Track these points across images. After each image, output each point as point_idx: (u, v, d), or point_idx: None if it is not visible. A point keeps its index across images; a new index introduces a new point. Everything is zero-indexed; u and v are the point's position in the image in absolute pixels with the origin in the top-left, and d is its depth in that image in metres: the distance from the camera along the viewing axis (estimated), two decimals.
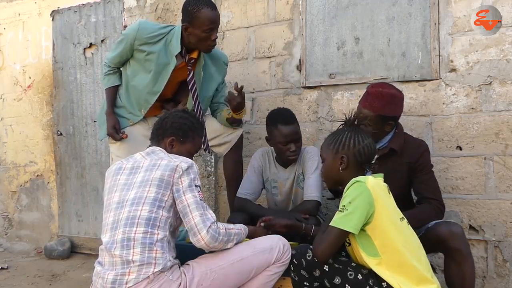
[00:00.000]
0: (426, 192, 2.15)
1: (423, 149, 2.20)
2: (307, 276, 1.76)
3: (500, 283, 2.50)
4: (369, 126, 2.11)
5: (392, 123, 2.17)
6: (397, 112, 2.20)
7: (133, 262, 1.64)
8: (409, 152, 2.17)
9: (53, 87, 4.09)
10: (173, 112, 2.05)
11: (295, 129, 2.42)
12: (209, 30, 2.33)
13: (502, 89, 2.47)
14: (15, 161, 4.35)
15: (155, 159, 1.84)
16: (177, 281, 1.69)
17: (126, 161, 1.91)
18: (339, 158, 1.77)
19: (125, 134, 2.53)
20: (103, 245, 1.75)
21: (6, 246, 4.35)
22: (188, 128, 1.98)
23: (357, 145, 1.76)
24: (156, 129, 1.99)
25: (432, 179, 2.19)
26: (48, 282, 3.29)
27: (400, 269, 1.62)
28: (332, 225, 1.66)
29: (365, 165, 1.79)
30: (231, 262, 1.79)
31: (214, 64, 2.60)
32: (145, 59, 2.43)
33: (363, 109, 2.15)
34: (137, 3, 3.62)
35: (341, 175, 1.78)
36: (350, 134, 1.79)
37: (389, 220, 1.65)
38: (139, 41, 2.40)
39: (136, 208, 1.72)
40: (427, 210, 2.10)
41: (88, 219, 3.95)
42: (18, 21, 4.26)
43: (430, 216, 2.08)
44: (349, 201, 1.63)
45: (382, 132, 2.17)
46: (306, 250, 1.77)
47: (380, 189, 1.68)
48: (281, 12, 3.07)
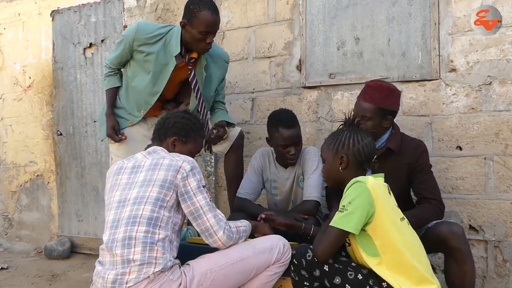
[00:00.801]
0: (426, 192, 2.15)
1: (422, 149, 2.19)
2: (307, 276, 1.77)
3: (500, 283, 2.50)
4: (369, 121, 2.10)
5: (390, 119, 2.16)
6: (395, 107, 2.19)
7: (134, 261, 1.64)
8: (407, 153, 2.16)
9: (53, 87, 4.09)
10: (175, 113, 2.06)
11: (295, 133, 2.41)
12: (205, 33, 2.31)
13: (502, 89, 2.47)
14: (15, 161, 4.35)
15: (156, 158, 1.84)
16: (177, 281, 1.68)
17: (127, 161, 1.91)
18: (339, 158, 1.78)
19: (124, 135, 2.53)
20: (103, 244, 1.75)
21: (6, 246, 4.35)
22: (190, 128, 1.98)
23: (356, 144, 1.77)
24: (158, 129, 1.99)
25: (431, 179, 2.18)
26: (48, 282, 3.29)
27: (400, 269, 1.63)
28: (332, 225, 1.67)
29: (365, 164, 1.79)
30: (232, 262, 1.79)
31: (214, 63, 2.59)
32: (144, 60, 2.43)
33: (363, 103, 2.14)
34: (137, 3, 3.62)
35: (341, 174, 1.79)
36: (350, 134, 1.80)
37: (389, 220, 1.65)
38: (137, 42, 2.40)
39: (138, 207, 1.72)
40: (428, 210, 2.10)
41: (88, 219, 3.94)
42: (18, 21, 4.26)
43: (430, 216, 2.08)
44: (349, 201, 1.64)
45: (381, 129, 2.15)
46: (306, 250, 1.77)
47: (380, 189, 1.68)
48: (281, 12, 3.07)
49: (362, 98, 2.17)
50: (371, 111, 2.11)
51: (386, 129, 2.18)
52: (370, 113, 2.11)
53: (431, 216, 2.08)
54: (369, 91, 2.16)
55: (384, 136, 2.19)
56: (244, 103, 3.22)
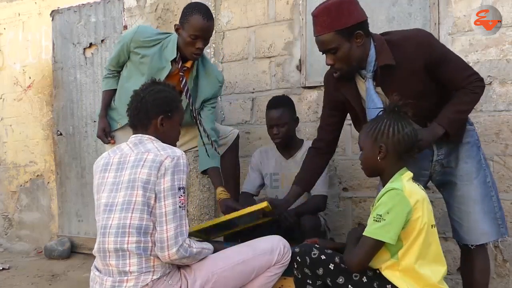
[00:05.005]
0: (459, 80, 1.84)
1: (427, 42, 1.81)
2: (310, 274, 1.75)
3: (500, 283, 2.50)
4: (339, 50, 1.80)
5: (360, 33, 1.79)
6: (356, 17, 1.80)
7: (131, 273, 1.62)
8: (412, 55, 1.80)
9: (53, 87, 4.09)
10: (145, 90, 1.84)
11: (278, 114, 2.52)
12: (195, 36, 2.31)
13: (502, 89, 2.47)
14: (15, 161, 4.35)
15: (141, 151, 1.72)
16: (176, 285, 1.68)
17: (113, 154, 1.79)
18: (378, 147, 1.68)
19: (113, 140, 2.58)
20: (95, 252, 1.72)
21: (6, 246, 4.35)
22: (170, 99, 1.84)
23: (396, 134, 1.66)
24: (136, 114, 1.82)
25: (457, 64, 1.85)
26: (48, 282, 3.30)
27: (412, 274, 1.60)
28: (368, 235, 1.60)
29: (405, 155, 1.69)
30: (233, 265, 1.78)
31: (206, 77, 2.56)
32: (140, 61, 2.45)
33: (319, 37, 1.82)
34: (137, 3, 3.62)
35: (380, 164, 1.69)
36: (390, 122, 1.68)
37: (420, 229, 1.59)
38: (134, 43, 2.42)
39: (125, 215, 1.64)
40: (467, 95, 1.84)
41: (88, 219, 3.94)
42: (18, 21, 4.26)
43: (474, 98, 1.86)
44: (387, 211, 1.56)
45: (358, 50, 1.81)
46: (310, 249, 1.75)
47: (417, 195, 1.61)
48: (281, 12, 3.07)
49: (316, 33, 1.84)
50: (332, 39, 1.79)
51: (364, 47, 1.82)
52: (334, 42, 1.79)
53: (472, 100, 1.87)
54: (318, 21, 1.82)
55: (370, 55, 1.84)
56: (244, 103, 3.22)
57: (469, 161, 1.92)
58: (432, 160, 1.95)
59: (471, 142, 1.95)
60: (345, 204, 2.93)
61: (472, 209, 1.90)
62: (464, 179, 1.92)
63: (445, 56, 1.84)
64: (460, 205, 1.93)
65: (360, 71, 1.89)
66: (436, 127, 1.82)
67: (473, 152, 1.94)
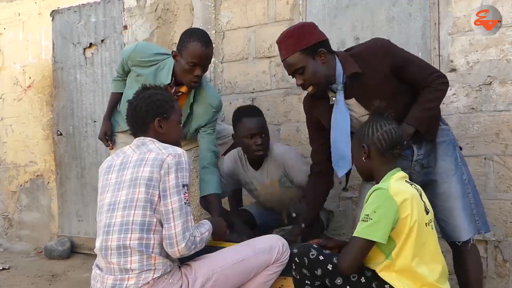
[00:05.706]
0: (422, 80, 1.94)
1: (386, 47, 1.94)
2: (309, 275, 1.76)
3: (500, 283, 2.50)
4: (306, 70, 1.93)
5: (323, 51, 1.93)
6: (317, 37, 1.95)
7: (132, 270, 1.63)
8: (376, 61, 1.91)
9: (53, 87, 4.10)
10: (138, 96, 1.89)
11: (260, 122, 2.42)
12: (193, 64, 2.25)
13: (502, 89, 2.47)
14: (15, 161, 4.35)
15: (144, 152, 1.76)
16: (177, 284, 1.68)
17: (117, 157, 1.84)
18: (361, 148, 1.75)
19: (112, 145, 2.62)
20: (97, 250, 1.73)
21: (6, 246, 4.35)
22: (163, 101, 1.87)
23: (375, 133, 1.72)
24: (134, 121, 1.87)
25: (418, 65, 1.96)
26: (48, 282, 3.30)
27: (408, 274, 1.60)
28: (356, 235, 1.61)
29: (388, 152, 1.72)
30: (233, 263, 1.79)
31: (201, 104, 2.48)
32: (136, 79, 2.45)
33: (286, 61, 1.97)
34: (137, 3, 3.62)
35: (367, 165, 1.76)
36: (370, 123, 1.76)
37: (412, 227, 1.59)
38: (131, 61, 2.43)
39: (128, 213, 1.66)
40: (430, 93, 1.93)
41: (88, 219, 3.95)
42: (18, 21, 4.26)
43: (437, 95, 1.94)
44: (374, 210, 1.58)
45: (323, 67, 1.93)
46: (309, 249, 1.76)
47: (406, 193, 1.62)
48: (281, 12, 3.07)
49: (282, 58, 2.00)
50: (298, 60, 1.93)
51: (329, 63, 1.94)
52: (300, 62, 1.93)
53: (437, 97, 1.95)
54: (282, 46, 1.99)
55: (337, 69, 1.95)
56: (244, 103, 3.22)
57: (446, 159, 2.00)
58: (412, 160, 2.00)
59: (447, 141, 2.03)
60: (345, 204, 2.93)
61: (454, 205, 1.97)
62: (444, 176, 1.99)
63: (407, 59, 1.95)
64: (443, 203, 1.98)
65: (331, 86, 1.98)
66: (406, 127, 1.90)
67: (450, 151, 2.01)
